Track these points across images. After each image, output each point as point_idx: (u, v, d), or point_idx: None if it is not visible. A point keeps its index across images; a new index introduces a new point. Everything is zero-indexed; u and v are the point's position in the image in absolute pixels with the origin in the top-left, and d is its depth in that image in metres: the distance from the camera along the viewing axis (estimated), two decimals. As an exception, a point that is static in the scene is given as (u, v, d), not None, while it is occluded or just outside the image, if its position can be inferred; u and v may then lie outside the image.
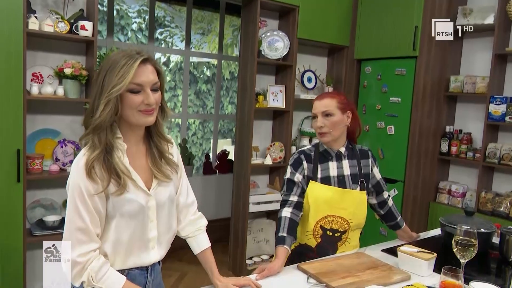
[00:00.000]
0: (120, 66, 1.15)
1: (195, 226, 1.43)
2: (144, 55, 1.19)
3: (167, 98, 4.26)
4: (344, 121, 1.80)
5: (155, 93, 1.21)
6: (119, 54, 1.19)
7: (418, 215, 3.66)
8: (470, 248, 1.48)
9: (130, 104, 1.17)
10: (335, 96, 1.80)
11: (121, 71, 1.14)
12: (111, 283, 1.13)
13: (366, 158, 1.90)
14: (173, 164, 1.33)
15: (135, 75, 1.15)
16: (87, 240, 1.13)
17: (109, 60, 1.19)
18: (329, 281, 1.46)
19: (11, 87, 2.34)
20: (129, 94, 1.16)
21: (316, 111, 1.79)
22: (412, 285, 1.45)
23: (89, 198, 1.13)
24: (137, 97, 1.17)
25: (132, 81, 1.15)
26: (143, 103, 1.18)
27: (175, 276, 3.55)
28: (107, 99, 1.13)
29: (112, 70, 1.15)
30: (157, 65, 1.24)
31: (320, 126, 1.77)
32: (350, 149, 1.89)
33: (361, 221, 1.88)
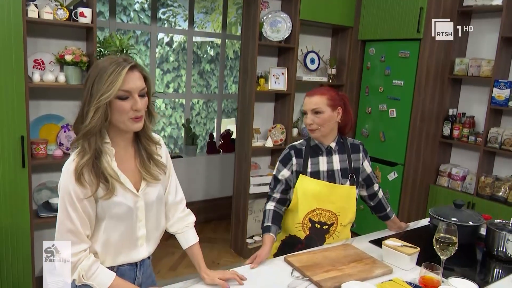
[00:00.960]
0: (108, 73, 1.18)
1: (183, 223, 1.50)
2: (132, 62, 1.22)
3: (171, 78, 4.28)
4: (333, 117, 1.82)
5: (143, 98, 1.25)
6: (106, 61, 1.22)
7: (417, 198, 3.69)
8: (450, 246, 1.53)
9: (119, 110, 1.21)
10: (325, 93, 1.81)
11: (109, 78, 1.17)
12: (101, 280, 1.21)
13: (357, 152, 1.93)
14: (162, 165, 1.38)
15: (123, 82, 1.19)
16: (77, 241, 1.21)
17: (96, 67, 1.22)
18: (312, 275, 1.53)
19: (13, 75, 2.38)
20: (118, 101, 1.20)
21: (306, 108, 1.82)
22: (391, 280, 1.51)
23: (79, 202, 1.19)
24: (125, 103, 1.21)
25: (120, 88, 1.18)
26: (131, 109, 1.21)
27: (178, 254, 3.68)
28: (97, 106, 1.17)
29: (100, 78, 1.18)
30: (144, 71, 1.27)
31: (309, 123, 1.80)
32: (341, 144, 1.91)
33: (350, 216, 1.91)
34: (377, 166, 3.79)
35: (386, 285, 1.46)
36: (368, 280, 1.54)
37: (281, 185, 1.88)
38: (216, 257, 3.67)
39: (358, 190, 1.97)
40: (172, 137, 4.47)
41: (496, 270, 1.78)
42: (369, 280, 1.54)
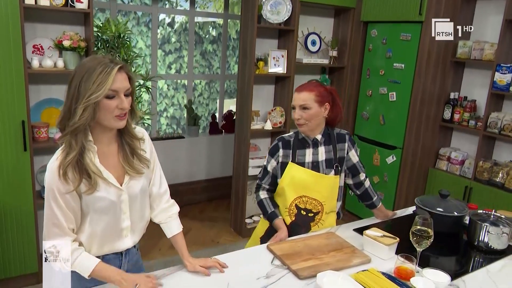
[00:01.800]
0: (96, 73, 1.22)
1: (167, 214, 1.56)
2: (119, 63, 1.27)
3: (173, 59, 4.30)
4: (321, 113, 1.87)
5: (127, 98, 1.30)
6: (93, 61, 1.26)
7: (416, 182, 3.72)
8: (425, 239, 1.57)
9: (106, 108, 1.26)
10: (313, 90, 1.85)
11: (98, 78, 1.22)
12: (84, 266, 1.29)
13: (342, 142, 1.97)
14: (145, 160, 1.43)
15: (112, 82, 1.24)
16: (61, 234, 1.28)
17: (83, 67, 1.26)
18: (291, 263, 1.60)
19: (12, 61, 2.44)
20: (105, 100, 1.25)
21: (295, 103, 1.87)
22: (367, 270, 1.56)
23: (62, 198, 1.26)
24: (112, 102, 1.26)
25: (110, 87, 1.23)
26: (117, 107, 1.27)
27: (179, 232, 3.79)
28: (86, 105, 1.22)
29: (88, 77, 1.23)
30: (130, 72, 1.32)
31: (297, 118, 1.85)
32: (327, 135, 1.95)
33: (334, 204, 1.98)
34: (376, 149, 3.81)
35: (361, 275, 1.51)
36: (345, 269, 1.60)
37: (270, 176, 1.98)
38: (215, 236, 3.78)
39: (344, 179, 2.03)
40: (174, 117, 4.53)
41: (475, 260, 1.81)
42: (347, 269, 1.60)
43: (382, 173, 3.78)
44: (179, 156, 4.26)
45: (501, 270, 1.69)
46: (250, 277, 1.51)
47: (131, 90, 1.33)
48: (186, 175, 4.35)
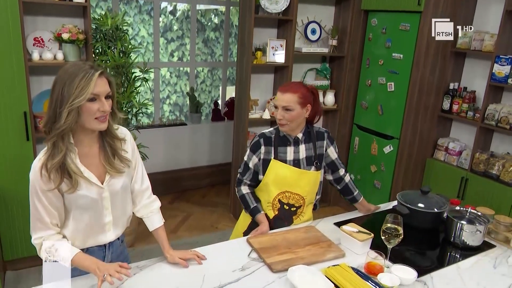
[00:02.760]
0: (78, 79, 1.30)
1: (148, 209, 1.65)
2: (99, 69, 1.35)
3: (175, 47, 4.35)
4: (302, 114, 1.92)
5: (108, 100, 1.38)
6: (74, 67, 1.34)
7: (413, 172, 3.74)
8: (395, 237, 1.63)
9: (88, 111, 1.34)
10: (297, 91, 1.89)
11: (80, 83, 1.30)
12: (63, 256, 1.38)
13: (321, 140, 2.02)
14: (125, 160, 1.51)
15: (94, 87, 1.32)
16: (44, 228, 1.38)
17: (66, 73, 1.33)
18: (266, 257, 1.68)
19: (13, 54, 2.53)
20: (87, 103, 1.33)
21: (278, 103, 1.90)
22: (339, 265, 1.64)
23: (44, 196, 1.35)
24: (94, 105, 1.34)
25: (92, 92, 1.32)
26: (99, 110, 1.35)
27: (180, 217, 3.93)
28: (70, 108, 1.31)
29: (71, 83, 1.30)
30: (109, 77, 1.40)
31: (280, 119, 1.90)
32: (308, 133, 2.01)
33: (314, 197, 2.05)
34: (374, 139, 3.84)
35: (332, 270, 1.59)
36: (319, 263, 1.68)
37: (250, 172, 2.03)
38: (215, 221, 3.90)
39: (325, 174, 2.10)
40: (177, 104, 4.61)
41: (449, 256, 1.87)
42: (320, 263, 1.68)
43: (379, 163, 3.82)
44: (182, 142, 4.36)
45: (472, 267, 1.75)
46: (226, 269, 1.60)
47: (112, 93, 1.41)
48: (189, 161, 4.46)
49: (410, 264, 1.63)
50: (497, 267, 1.74)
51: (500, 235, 1.95)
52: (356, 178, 4.12)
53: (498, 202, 3.21)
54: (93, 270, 1.37)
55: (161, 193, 4.26)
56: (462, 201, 3.45)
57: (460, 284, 1.61)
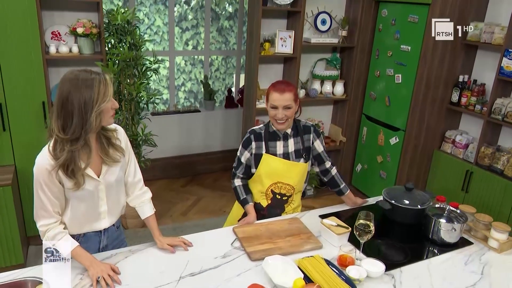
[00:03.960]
0: (96, 84, 1.45)
1: (140, 199, 1.82)
2: (106, 73, 1.54)
3: (190, 36, 4.47)
4: (295, 109, 2.04)
5: None
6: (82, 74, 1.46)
7: (419, 163, 3.77)
8: (367, 233, 1.74)
9: (107, 111, 1.52)
10: (292, 89, 2.00)
11: (101, 89, 1.46)
12: (63, 247, 1.56)
13: (308, 133, 2.13)
14: (120, 149, 1.67)
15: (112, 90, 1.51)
16: (47, 216, 1.57)
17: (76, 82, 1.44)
18: (247, 246, 1.82)
19: (32, 48, 2.73)
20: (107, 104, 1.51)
21: (278, 104, 1.98)
22: (313, 256, 1.76)
23: (48, 189, 1.53)
24: (109, 105, 1.52)
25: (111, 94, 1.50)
26: (111, 108, 1.53)
27: (191, 200, 4.13)
28: (97, 112, 1.47)
29: (87, 88, 1.44)
30: None
31: (281, 118, 1.99)
32: (295, 128, 2.11)
33: (302, 185, 2.20)
34: (381, 130, 3.87)
35: (305, 261, 1.72)
36: (296, 253, 1.81)
37: (243, 166, 2.17)
38: (224, 205, 4.07)
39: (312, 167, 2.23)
40: (192, 91, 4.76)
41: (425, 251, 1.95)
42: (297, 254, 1.81)
43: (385, 154, 3.86)
44: (196, 128, 4.53)
45: (444, 262, 1.83)
46: (209, 256, 1.76)
47: None
48: (202, 146, 4.63)
49: (383, 257, 1.74)
50: (468, 264, 1.82)
51: (479, 233, 2.01)
52: (363, 168, 4.19)
53: (500, 196, 3.22)
54: (86, 267, 1.55)
55: (175, 177, 4.53)
56: (466, 194, 3.48)
57: (427, 279, 1.70)
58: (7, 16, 2.62)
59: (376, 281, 1.67)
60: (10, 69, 2.72)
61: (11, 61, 2.71)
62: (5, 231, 2.81)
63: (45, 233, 1.58)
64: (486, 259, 1.87)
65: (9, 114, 2.81)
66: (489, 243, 1.96)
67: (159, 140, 3.64)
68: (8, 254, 2.85)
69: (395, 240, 2.00)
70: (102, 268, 1.54)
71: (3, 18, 2.61)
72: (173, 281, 1.60)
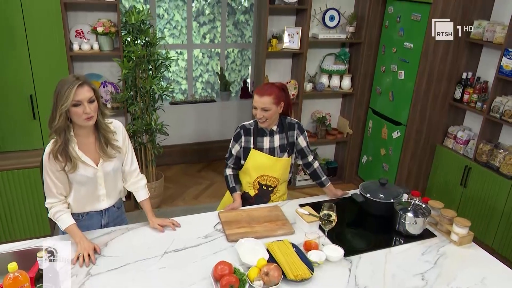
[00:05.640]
0: (64, 89, 1.74)
1: (136, 185, 2.11)
2: (80, 81, 1.76)
3: (207, 30, 4.71)
4: (277, 111, 2.25)
5: (92, 104, 1.81)
6: (64, 80, 1.77)
7: (420, 157, 3.88)
8: (330, 222, 1.95)
9: (75, 113, 1.78)
10: (271, 93, 2.20)
11: (65, 93, 1.74)
12: (62, 223, 1.89)
13: (292, 130, 2.35)
14: (116, 147, 1.96)
15: (75, 95, 1.75)
16: (51, 195, 1.89)
17: (59, 85, 1.76)
18: (227, 229, 2.09)
19: (57, 46, 3.08)
20: (73, 108, 1.77)
21: (257, 105, 2.22)
22: (282, 240, 2.00)
23: (52, 174, 1.85)
24: (78, 109, 1.77)
25: (73, 99, 1.75)
26: (84, 112, 1.79)
27: (204, 184, 4.44)
28: (60, 112, 1.77)
29: (60, 93, 1.75)
30: (91, 85, 1.82)
31: (260, 117, 2.23)
32: (281, 125, 2.33)
33: (287, 177, 2.43)
34: (385, 124, 4.00)
35: (273, 244, 1.95)
36: (269, 237, 2.05)
37: (234, 157, 2.42)
38: (234, 191, 4.36)
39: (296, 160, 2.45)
40: (209, 82, 5.03)
41: (388, 241, 2.13)
42: (271, 237, 2.05)
43: (388, 147, 4.00)
44: (212, 117, 4.82)
45: (403, 252, 2.02)
46: (193, 236, 2.04)
47: (96, 97, 1.83)
48: (218, 134, 4.92)
49: (348, 244, 1.96)
50: (425, 254, 2.00)
51: (444, 227, 2.18)
52: (368, 160, 4.33)
53: (495, 192, 3.31)
54: (76, 243, 1.85)
55: (192, 162, 4.85)
56: (464, 189, 3.58)
57: (382, 265, 1.90)
58: (36, 19, 2.97)
59: (335, 264, 1.89)
60: (39, 65, 3.08)
61: (40, 58, 3.07)
62: (35, 207, 3.22)
63: (49, 209, 1.91)
64: (443, 251, 2.04)
65: (38, 104, 3.19)
66: (451, 237, 2.13)
67: (177, 127, 3.94)
68: (37, 226, 3.28)
69: (366, 230, 2.20)
70: (85, 246, 1.82)
71: (33, 21, 2.96)
72: (158, 255, 1.89)
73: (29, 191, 3.15)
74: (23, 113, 3.18)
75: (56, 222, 1.90)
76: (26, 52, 3.02)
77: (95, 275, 1.75)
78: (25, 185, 3.12)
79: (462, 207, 3.63)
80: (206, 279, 1.74)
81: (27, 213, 3.20)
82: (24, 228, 3.24)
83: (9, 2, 2.87)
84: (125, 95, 3.40)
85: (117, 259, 1.85)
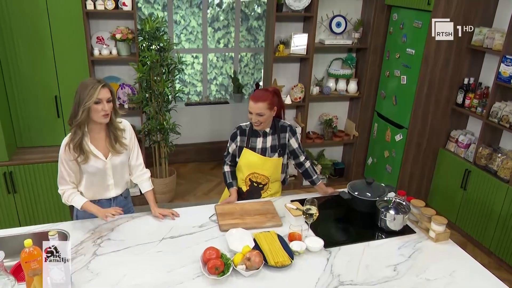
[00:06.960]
0: (89, 89, 2.01)
1: (141, 178, 2.36)
2: (103, 83, 2.04)
3: (221, 35, 4.96)
4: (271, 115, 2.45)
5: (109, 103, 2.08)
6: (87, 82, 2.04)
7: (422, 160, 3.99)
8: (312, 216, 2.14)
9: (95, 110, 2.05)
10: (266, 99, 2.39)
11: (90, 92, 2.01)
12: (76, 202, 2.16)
13: (284, 132, 2.53)
14: (124, 144, 2.21)
15: (98, 94, 2.03)
16: (64, 183, 2.15)
17: (82, 85, 2.04)
18: (220, 220, 2.30)
19: (79, 51, 3.38)
20: (94, 105, 2.04)
21: (252, 110, 2.42)
22: (269, 231, 2.20)
23: (66, 164, 2.11)
24: (98, 106, 2.05)
25: (96, 97, 2.03)
26: (102, 109, 2.06)
27: (215, 182, 4.67)
28: (83, 109, 2.03)
29: (83, 91, 2.02)
30: (110, 87, 2.09)
31: (255, 122, 2.43)
32: (274, 127, 2.53)
33: (278, 176, 2.61)
34: (388, 127, 4.12)
35: (260, 234, 2.15)
36: (258, 229, 2.25)
37: (230, 155, 2.63)
38: (243, 188, 4.57)
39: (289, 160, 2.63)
40: (223, 85, 5.27)
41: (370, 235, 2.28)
42: (260, 229, 2.25)
43: (391, 149, 4.12)
44: (225, 118, 5.05)
45: (380, 246, 2.17)
46: (189, 225, 2.27)
47: (112, 98, 2.09)
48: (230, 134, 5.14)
49: (329, 237, 2.13)
50: (401, 249, 2.15)
51: (423, 224, 2.32)
52: (373, 161, 4.46)
53: (493, 196, 3.39)
54: (95, 213, 2.13)
55: (205, 160, 5.10)
56: (465, 192, 3.68)
57: (358, 256, 2.07)
58: (61, 27, 3.27)
59: (315, 254, 2.07)
60: (63, 68, 3.39)
61: (64, 62, 3.38)
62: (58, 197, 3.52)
63: (62, 195, 2.18)
64: (419, 246, 2.18)
65: (62, 104, 3.51)
66: (429, 233, 2.27)
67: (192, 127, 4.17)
68: (59, 214, 3.59)
69: (350, 225, 2.37)
70: (105, 211, 2.12)
71: (58, 29, 3.27)
72: (157, 241, 2.12)
73: (52, 182, 3.46)
74: (48, 112, 3.50)
75: (71, 203, 2.17)
76: (52, 57, 3.33)
77: (100, 255, 2.00)
78: (49, 177, 3.44)
79: (463, 209, 3.71)
80: (196, 263, 1.95)
81: (50, 202, 3.52)
82: (48, 216, 3.56)
83: (37, 12, 3.18)
84: (141, 96, 3.67)
85: (121, 242, 2.10)
